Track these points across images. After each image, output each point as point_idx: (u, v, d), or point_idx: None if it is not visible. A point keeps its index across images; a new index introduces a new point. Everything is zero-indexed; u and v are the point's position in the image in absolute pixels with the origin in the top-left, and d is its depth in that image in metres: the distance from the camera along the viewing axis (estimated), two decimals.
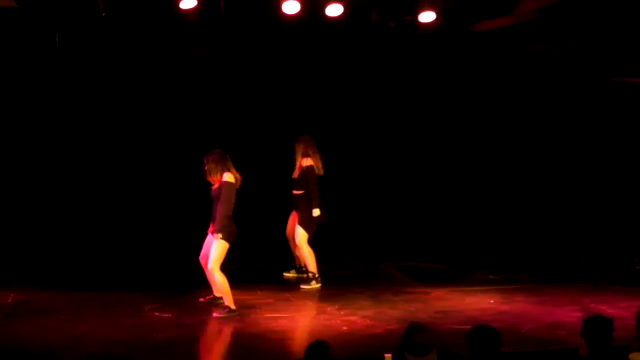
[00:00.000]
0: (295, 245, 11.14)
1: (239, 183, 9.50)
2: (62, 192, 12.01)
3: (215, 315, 9.35)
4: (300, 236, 10.95)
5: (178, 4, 10.68)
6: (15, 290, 10.33)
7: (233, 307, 9.35)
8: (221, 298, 9.58)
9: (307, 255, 10.95)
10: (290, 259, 11.49)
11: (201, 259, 9.67)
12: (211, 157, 9.47)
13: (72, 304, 9.79)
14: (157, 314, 9.39)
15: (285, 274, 11.46)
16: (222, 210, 9.32)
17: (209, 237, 9.58)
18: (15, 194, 11.86)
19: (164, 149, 12.13)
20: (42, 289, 10.51)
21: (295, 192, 11.10)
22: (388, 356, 6.47)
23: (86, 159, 12.07)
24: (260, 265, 11.94)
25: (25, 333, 8.51)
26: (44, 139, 11.90)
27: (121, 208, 12.22)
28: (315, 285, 10.93)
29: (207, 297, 9.95)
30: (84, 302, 9.90)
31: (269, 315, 9.46)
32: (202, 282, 9.98)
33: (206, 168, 9.47)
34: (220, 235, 9.27)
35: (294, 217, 11.20)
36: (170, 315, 9.37)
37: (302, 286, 10.95)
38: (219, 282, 9.35)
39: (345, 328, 8.86)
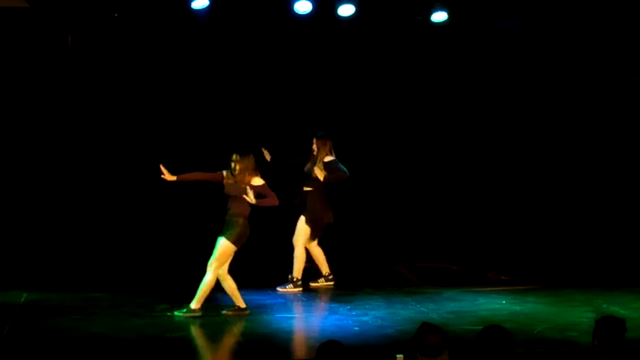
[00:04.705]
0: (314, 252, 10.89)
1: None
2: (75, 192, 12.05)
3: (225, 313, 9.33)
4: (300, 236, 10.75)
5: (190, 4, 10.70)
6: (27, 290, 10.36)
7: (243, 305, 9.33)
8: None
9: (299, 257, 10.70)
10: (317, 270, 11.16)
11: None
12: (247, 157, 9.23)
13: (84, 304, 9.81)
14: (168, 313, 9.38)
15: (312, 284, 10.99)
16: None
17: None
18: (27, 194, 11.90)
19: (177, 149, 12.12)
20: (53, 289, 10.54)
21: (306, 188, 10.89)
22: (400, 356, 6.46)
23: (99, 159, 12.10)
24: (271, 265, 11.94)
25: (38, 333, 8.53)
26: (57, 140, 11.94)
27: (133, 208, 12.24)
28: (292, 289, 10.65)
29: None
30: (96, 302, 9.92)
31: (280, 315, 9.46)
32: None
33: (237, 166, 9.18)
34: (226, 235, 9.13)
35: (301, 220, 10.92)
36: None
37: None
38: (226, 285, 9.24)
39: (356, 328, 8.85)
